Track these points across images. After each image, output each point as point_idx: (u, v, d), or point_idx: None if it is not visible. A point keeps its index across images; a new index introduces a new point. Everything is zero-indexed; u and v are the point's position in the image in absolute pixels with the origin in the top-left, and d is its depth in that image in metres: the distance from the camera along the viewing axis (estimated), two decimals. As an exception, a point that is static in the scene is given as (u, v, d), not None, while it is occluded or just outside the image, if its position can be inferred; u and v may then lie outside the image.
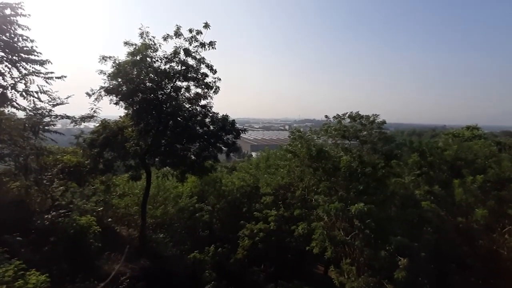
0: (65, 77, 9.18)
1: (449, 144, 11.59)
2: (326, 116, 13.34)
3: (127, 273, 8.39)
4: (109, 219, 11.89)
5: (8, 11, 7.92)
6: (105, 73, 9.71)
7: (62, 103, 9.51)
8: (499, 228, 9.64)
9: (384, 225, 8.97)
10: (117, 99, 9.94)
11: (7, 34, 8.03)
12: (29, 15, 8.12)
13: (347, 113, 12.77)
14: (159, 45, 10.03)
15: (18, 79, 8.45)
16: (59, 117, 9.58)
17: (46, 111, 9.21)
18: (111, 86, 9.71)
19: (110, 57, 9.77)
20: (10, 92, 8.40)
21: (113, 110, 10.61)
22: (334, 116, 13.01)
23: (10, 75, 8.37)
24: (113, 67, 9.70)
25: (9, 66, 8.30)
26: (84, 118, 10.00)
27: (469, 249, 9.66)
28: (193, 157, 10.94)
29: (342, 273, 9.79)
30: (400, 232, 8.76)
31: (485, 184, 8.97)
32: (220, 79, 10.75)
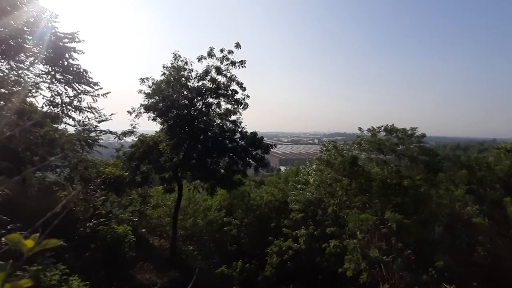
0: (109, 93, 10.16)
1: (501, 159, 10.34)
2: (360, 129, 12.77)
3: (158, 284, 8.59)
4: (143, 230, 12.41)
5: (66, 40, 9.10)
6: (144, 92, 10.57)
7: (106, 120, 10.46)
8: None
9: (427, 247, 8.16)
10: (154, 115, 10.66)
11: (64, 59, 9.19)
12: (83, 41, 9.24)
13: (382, 126, 12.17)
14: (191, 64, 10.73)
15: (72, 97, 9.52)
16: (103, 132, 10.52)
17: (93, 127, 10.17)
18: (149, 104, 10.47)
19: (147, 78, 10.66)
20: (67, 109, 9.48)
21: (149, 125, 11.36)
22: (369, 129, 12.45)
23: (66, 94, 9.49)
24: (150, 87, 10.53)
25: (65, 86, 9.42)
26: (125, 134, 10.86)
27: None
28: (222, 171, 11.15)
29: (380, 299, 8.98)
30: (446, 256, 7.88)
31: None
32: (249, 96, 11.06)
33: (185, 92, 10.69)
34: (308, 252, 13.57)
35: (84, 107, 9.75)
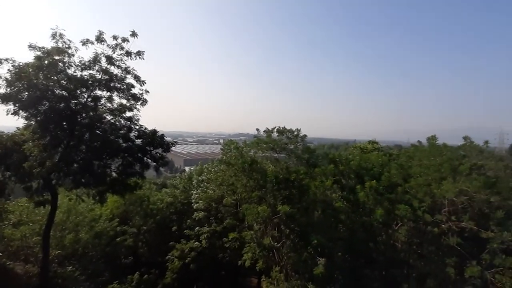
0: None
1: (354, 156, 13.76)
2: (257, 130, 14.06)
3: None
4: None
5: None
6: (0, 77, 8.16)
7: None
8: (394, 225, 11.79)
9: (308, 230, 9.90)
10: (16, 108, 8.39)
11: None
12: None
13: (275, 127, 13.78)
14: (75, 49, 9.09)
15: None
16: None
17: None
18: (8, 93, 8.15)
19: (7, 59, 8.30)
20: None
21: (7, 121, 8.85)
22: (264, 130, 13.84)
23: None
24: (11, 71, 8.22)
25: None
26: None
27: (373, 245, 11.48)
28: (114, 175, 9.92)
29: (273, 281, 10.24)
30: (320, 235, 9.80)
31: (378, 188, 10.97)
32: (148, 91, 10.32)
33: (63, 81, 8.90)
34: (210, 250, 13.88)
35: None
